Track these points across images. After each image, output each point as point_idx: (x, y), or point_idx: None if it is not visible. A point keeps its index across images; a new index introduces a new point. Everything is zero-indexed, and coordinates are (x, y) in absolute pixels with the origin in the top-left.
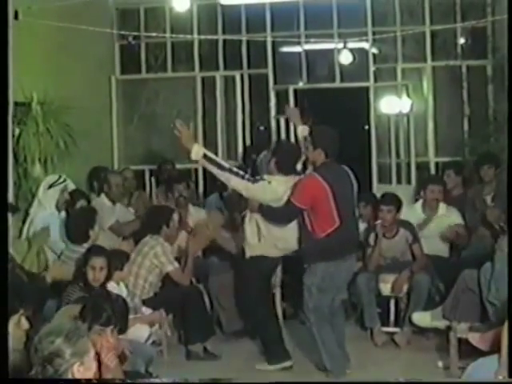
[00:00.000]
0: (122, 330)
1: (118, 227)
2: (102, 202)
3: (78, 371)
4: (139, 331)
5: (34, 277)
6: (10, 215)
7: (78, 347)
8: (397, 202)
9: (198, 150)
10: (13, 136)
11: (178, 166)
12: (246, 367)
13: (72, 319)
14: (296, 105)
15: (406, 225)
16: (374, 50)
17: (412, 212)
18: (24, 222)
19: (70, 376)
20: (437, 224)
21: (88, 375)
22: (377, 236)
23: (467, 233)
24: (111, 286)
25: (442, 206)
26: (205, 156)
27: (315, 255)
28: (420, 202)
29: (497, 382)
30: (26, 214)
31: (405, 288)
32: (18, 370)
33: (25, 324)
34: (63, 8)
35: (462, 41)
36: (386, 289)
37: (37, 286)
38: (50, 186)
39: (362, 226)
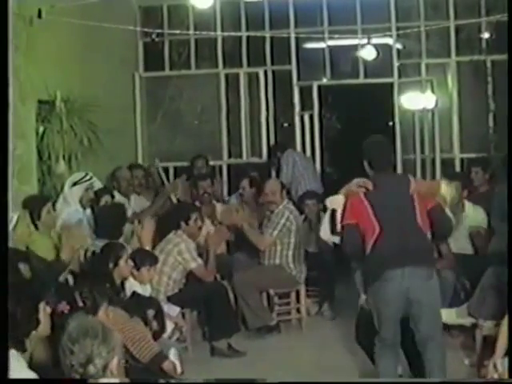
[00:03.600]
0: None
1: (134, 218)
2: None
3: (115, 364)
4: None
5: (52, 263)
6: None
7: (113, 344)
8: None
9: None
10: (37, 134)
11: None
12: (270, 364)
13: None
14: (320, 101)
15: None
16: (398, 46)
17: None
18: None
19: (108, 371)
20: (463, 224)
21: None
22: None
23: (489, 235)
24: (135, 285)
25: (469, 206)
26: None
27: (366, 275)
28: None
29: (497, 381)
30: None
31: None
32: (43, 360)
33: (47, 309)
34: (86, 6)
35: (486, 35)
36: None
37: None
38: (75, 184)
39: None
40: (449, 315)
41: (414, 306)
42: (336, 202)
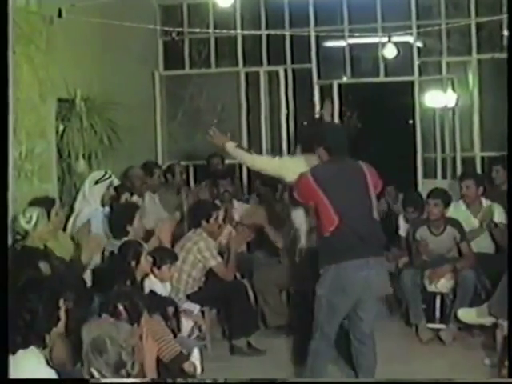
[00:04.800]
0: None
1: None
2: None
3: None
4: (182, 325)
5: (73, 264)
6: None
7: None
8: (445, 197)
9: (231, 144)
10: (57, 132)
11: None
12: (290, 363)
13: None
14: (340, 99)
15: (454, 223)
16: (419, 44)
17: (456, 209)
18: (69, 217)
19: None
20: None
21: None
22: (414, 231)
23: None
24: (155, 283)
25: (487, 203)
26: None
27: (323, 254)
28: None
29: (497, 381)
30: (71, 209)
31: (445, 281)
32: (62, 356)
33: (63, 306)
34: (106, 5)
35: (507, 33)
36: (431, 285)
37: (79, 278)
38: (97, 182)
39: (406, 225)
40: (469, 315)
41: (368, 295)
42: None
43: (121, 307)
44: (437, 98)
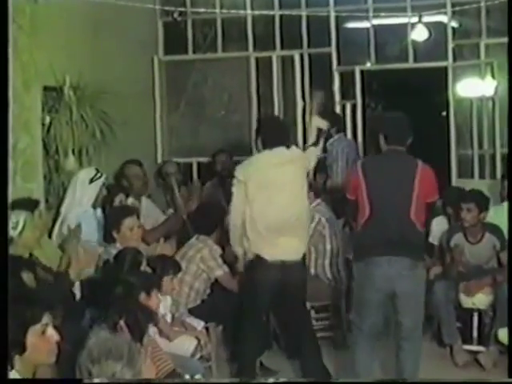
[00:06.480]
0: None
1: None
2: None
3: None
4: (183, 344)
5: (60, 275)
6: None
7: (138, 367)
8: (480, 201)
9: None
10: (43, 125)
11: None
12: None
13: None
14: (363, 88)
15: (494, 229)
16: (454, 24)
17: (498, 213)
18: (55, 221)
19: None
20: None
21: None
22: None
23: None
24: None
25: None
26: None
27: (354, 250)
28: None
29: (497, 381)
30: (57, 212)
31: (483, 296)
32: None
33: (54, 335)
34: None
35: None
36: (467, 300)
37: (66, 290)
38: (91, 181)
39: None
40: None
41: (399, 297)
42: None
43: (122, 323)
44: (474, 86)
